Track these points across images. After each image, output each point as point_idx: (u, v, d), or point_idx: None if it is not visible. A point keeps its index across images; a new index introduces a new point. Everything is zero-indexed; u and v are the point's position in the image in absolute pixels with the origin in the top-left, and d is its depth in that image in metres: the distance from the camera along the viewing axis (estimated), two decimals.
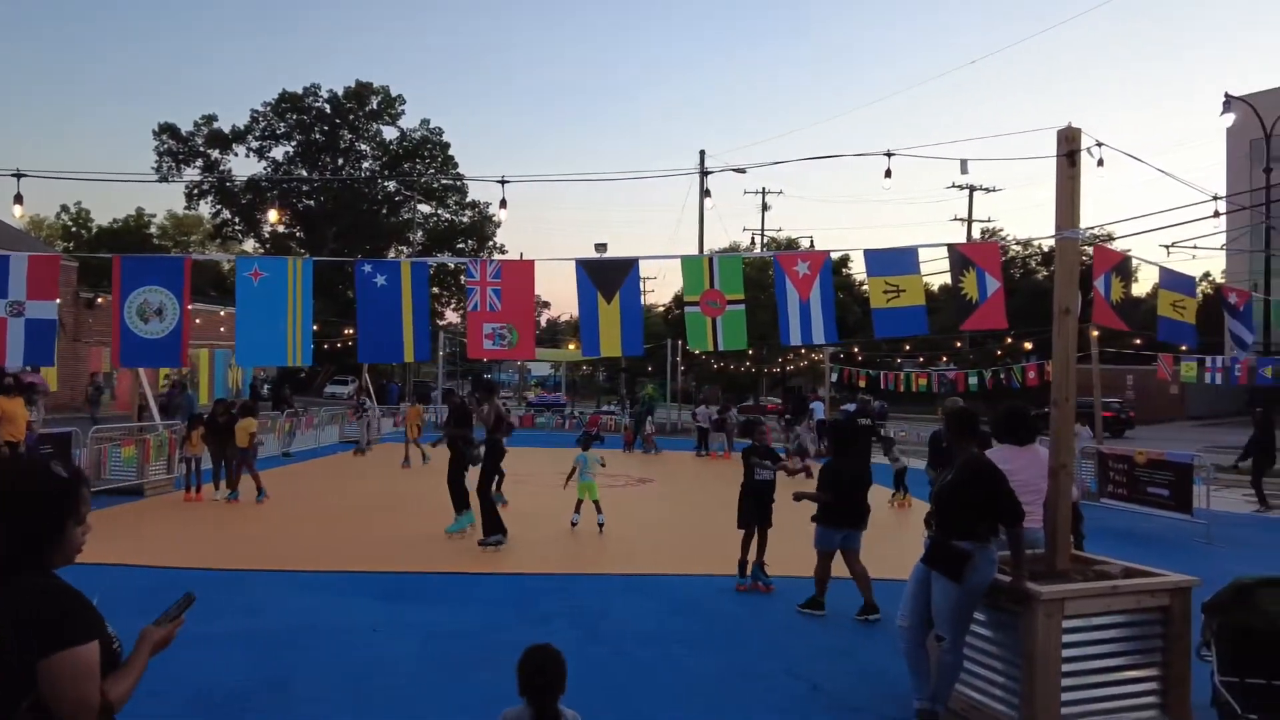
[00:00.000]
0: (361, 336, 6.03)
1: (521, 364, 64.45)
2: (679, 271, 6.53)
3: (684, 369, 40.38)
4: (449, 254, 60.19)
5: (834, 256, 6.98)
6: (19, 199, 6.87)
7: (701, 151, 37.29)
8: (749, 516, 8.69)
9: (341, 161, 62.16)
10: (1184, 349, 15.60)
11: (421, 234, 62.19)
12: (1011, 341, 37.17)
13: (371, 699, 5.72)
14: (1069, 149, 5.44)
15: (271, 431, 21.61)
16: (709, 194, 24.24)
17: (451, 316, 59.56)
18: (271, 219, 56.49)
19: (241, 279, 5.87)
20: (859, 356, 37.08)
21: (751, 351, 42.57)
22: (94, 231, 68.95)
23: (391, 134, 63.28)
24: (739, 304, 6.25)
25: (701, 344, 6.26)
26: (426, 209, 64.12)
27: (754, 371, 48.90)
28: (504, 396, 60.28)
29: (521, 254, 64.32)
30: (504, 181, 6.56)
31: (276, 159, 61.85)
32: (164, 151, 59.87)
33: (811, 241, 52.09)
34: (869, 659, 6.70)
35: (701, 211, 41.84)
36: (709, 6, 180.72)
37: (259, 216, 58.25)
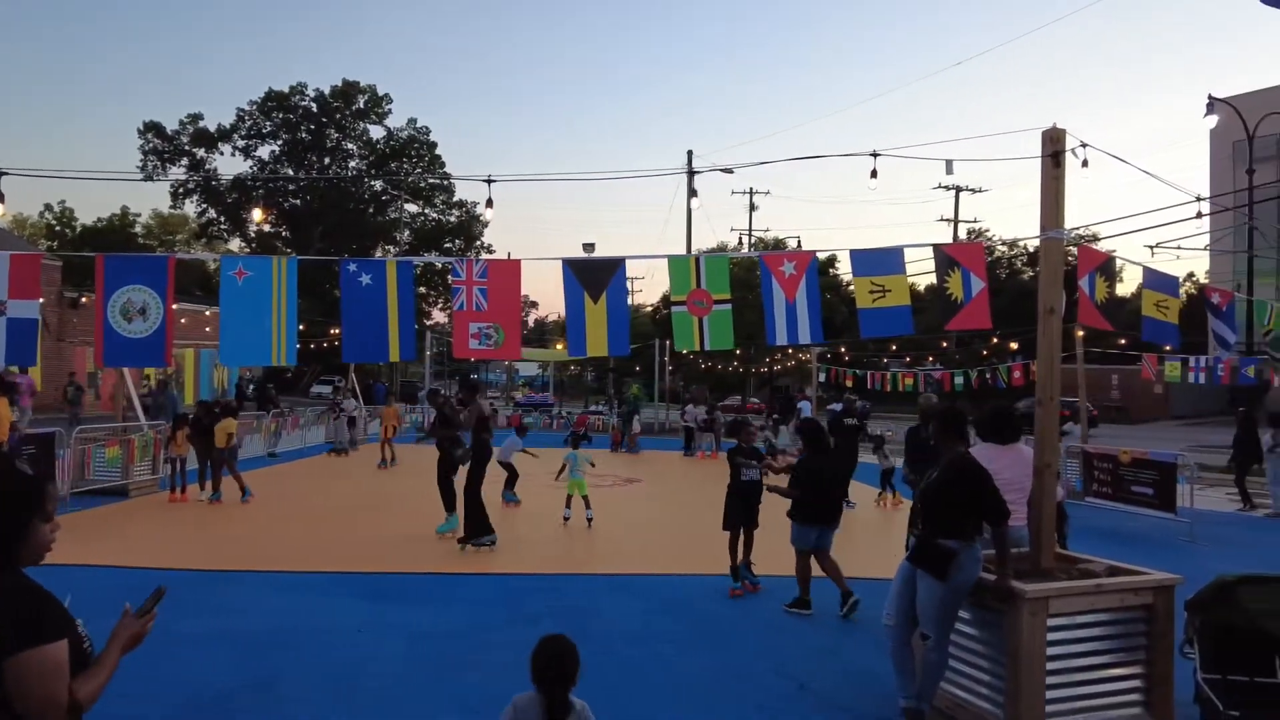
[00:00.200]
0: (346, 336, 6.00)
1: (509, 364, 64.36)
2: (667, 271, 6.54)
3: (672, 369, 40.42)
4: (436, 253, 60.09)
5: (821, 257, 7.00)
6: (0, 197, 6.81)
7: (689, 152, 37.32)
8: (735, 518, 8.70)
9: (328, 160, 61.98)
10: (1168, 349, 15.69)
11: (408, 233, 62.07)
12: (997, 341, 37.37)
13: (357, 699, 5.71)
14: (1053, 150, 5.47)
15: (257, 432, 21.51)
16: (695, 194, 24.24)
17: (439, 316, 59.49)
18: (256, 218, 56.24)
19: (226, 278, 5.84)
20: (846, 356, 37.20)
21: (739, 351, 42.67)
22: (78, 230, 68.50)
23: (378, 133, 63.27)
24: (726, 304, 6.26)
25: (688, 344, 6.27)
26: (413, 208, 64.04)
27: (741, 371, 49.00)
28: (491, 396, 60.30)
29: (509, 253, 64.24)
30: (490, 181, 6.56)
31: (263, 158, 61.70)
32: (149, 150, 59.63)
33: (799, 242, 52.28)
34: (856, 658, 6.72)
35: (689, 212, 41.87)
36: (699, 8, 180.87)
37: (245, 216, 58.02)
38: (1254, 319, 19.20)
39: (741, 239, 55.67)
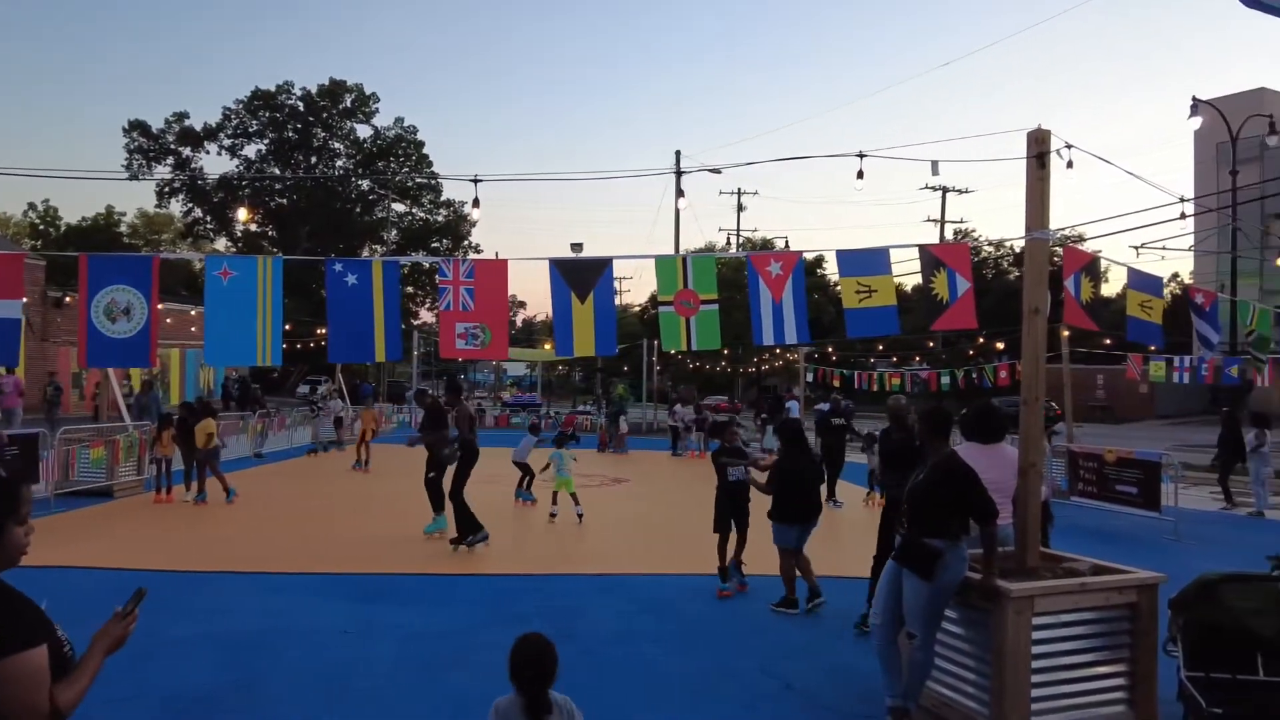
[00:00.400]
0: (332, 336, 5.98)
1: (497, 364, 64.32)
2: (654, 271, 6.54)
3: (659, 369, 40.42)
4: (423, 253, 59.90)
5: (808, 257, 7.02)
6: None
7: (677, 152, 37.30)
8: (725, 519, 8.68)
9: (315, 160, 61.67)
10: (1152, 349, 15.79)
11: (396, 233, 61.84)
12: (983, 341, 37.50)
13: (345, 701, 5.68)
14: (1039, 151, 5.49)
15: (243, 432, 21.41)
16: (683, 194, 24.28)
17: (426, 316, 59.28)
18: (241, 218, 55.91)
19: (211, 278, 5.81)
20: (833, 356, 37.28)
21: (727, 351, 42.69)
22: (62, 230, 67.99)
23: (365, 132, 62.94)
24: (713, 304, 6.26)
25: (676, 344, 6.27)
26: (401, 208, 63.78)
27: (729, 371, 49.05)
28: (479, 396, 60.15)
29: (497, 253, 64.20)
30: (477, 180, 6.55)
31: (249, 157, 61.31)
32: (134, 149, 59.16)
33: (786, 242, 52.38)
34: (841, 657, 6.74)
35: (677, 212, 41.88)
36: (689, 9, 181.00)
37: (231, 215, 57.69)
38: (1237, 319, 19.33)
39: (729, 239, 55.73)
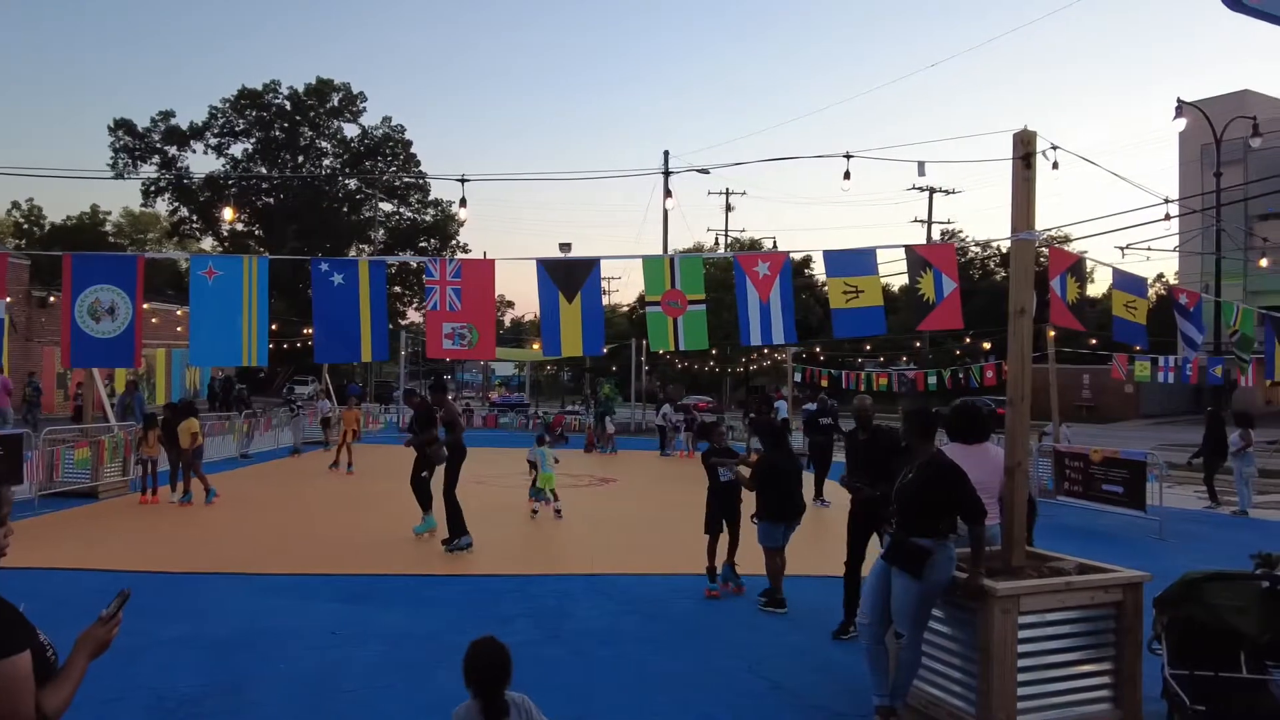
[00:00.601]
0: (318, 336, 5.95)
1: (485, 364, 64.19)
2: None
3: (648, 369, 40.41)
4: (411, 253, 59.75)
5: (795, 257, 7.03)
6: None
7: (665, 152, 37.42)
8: (716, 520, 8.64)
9: (302, 159, 61.45)
10: (1137, 349, 15.89)
11: (383, 232, 61.67)
12: (970, 341, 37.67)
13: (331, 702, 5.66)
14: (1024, 152, 5.51)
15: (229, 433, 21.31)
16: (670, 194, 24.29)
17: (414, 316, 59.15)
18: (227, 217, 55.64)
19: (195, 278, 5.77)
20: (821, 356, 37.38)
21: (715, 351, 42.72)
22: (47, 229, 67.53)
23: (353, 131, 62.76)
24: (700, 304, 6.26)
25: (663, 344, 6.27)
26: (388, 207, 63.64)
27: (717, 371, 49.09)
28: (466, 396, 60.05)
29: (485, 253, 64.04)
30: (464, 180, 6.53)
31: (235, 156, 61.06)
32: (120, 148, 58.82)
33: (774, 242, 52.50)
34: (830, 656, 6.75)
35: (665, 212, 41.89)
36: (678, 10, 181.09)
37: (217, 214, 57.42)
38: (1221, 319, 19.44)
39: (718, 239, 55.79)
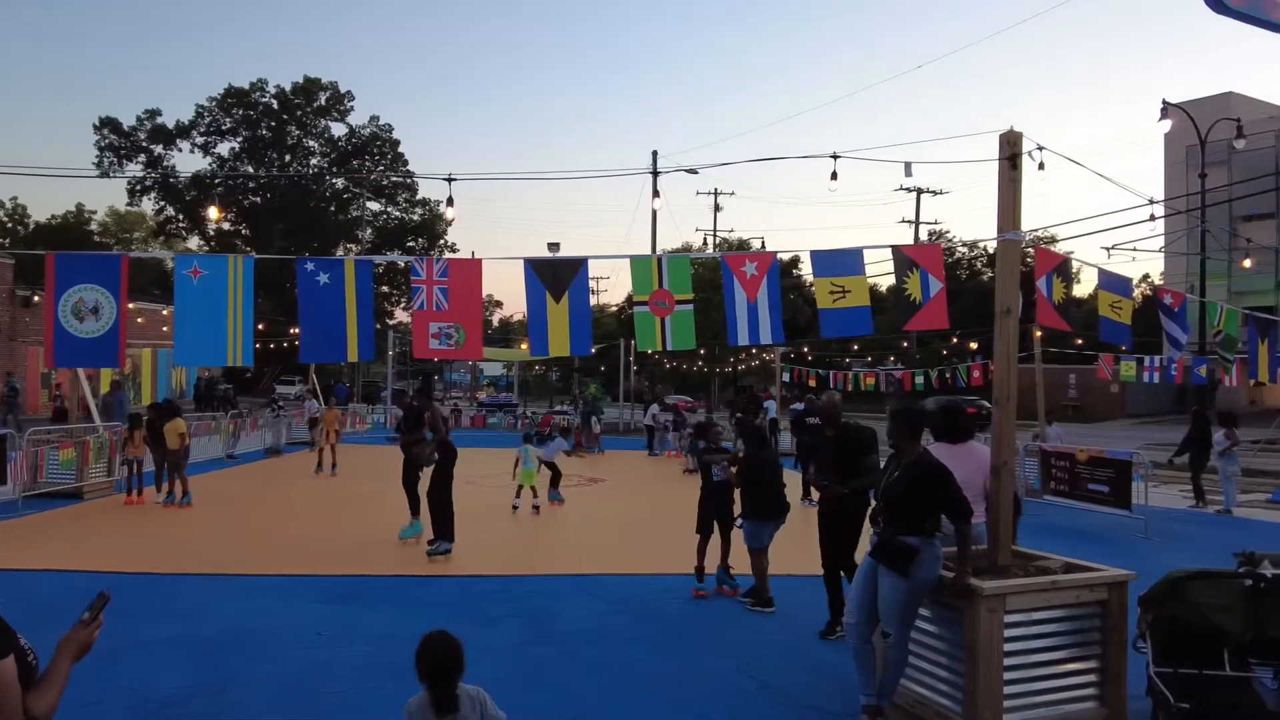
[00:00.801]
0: (304, 336, 5.93)
1: (474, 364, 64.04)
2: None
3: (637, 369, 40.41)
4: (398, 252, 59.60)
5: (783, 258, 7.03)
6: None
7: (654, 152, 37.31)
8: (708, 521, 8.62)
9: (289, 158, 61.24)
10: (1123, 349, 15.97)
11: (371, 232, 61.47)
12: (957, 341, 37.80)
13: (316, 703, 5.63)
14: (1010, 152, 5.53)
15: (216, 433, 21.21)
16: (658, 194, 24.33)
17: (402, 316, 58.99)
18: (212, 216, 55.39)
19: (180, 277, 5.74)
20: (809, 356, 37.45)
21: (703, 351, 42.78)
22: (31, 228, 67.07)
23: (340, 130, 62.57)
24: (688, 304, 6.27)
25: (650, 344, 6.27)
26: (376, 206, 63.44)
27: (706, 371, 49.14)
28: (454, 396, 59.89)
29: (473, 252, 63.89)
30: (451, 179, 6.52)
31: (222, 155, 60.79)
32: (105, 146, 58.49)
33: (763, 242, 52.51)
34: (818, 656, 6.76)
35: (654, 212, 41.86)
36: (667, 11, 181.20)
37: (203, 214, 57.17)
38: (1205, 320, 19.59)
39: (706, 239, 55.83)
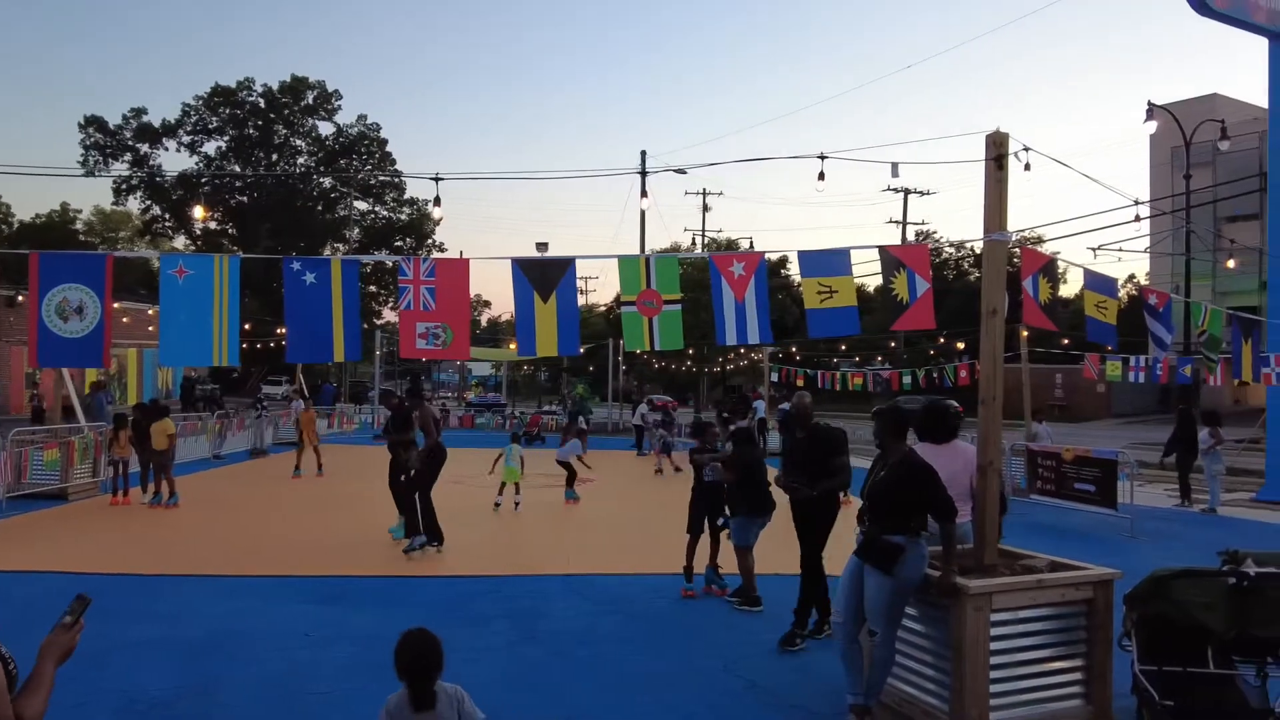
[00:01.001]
0: (291, 336, 5.90)
1: (462, 364, 63.91)
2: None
3: (625, 369, 40.41)
4: (386, 252, 59.41)
5: (772, 258, 7.04)
6: None
7: (643, 152, 37.33)
8: (699, 521, 8.60)
9: (276, 157, 60.95)
10: (1109, 349, 16.05)
11: (358, 231, 61.25)
12: (944, 341, 37.93)
13: (303, 704, 5.62)
14: (997, 153, 5.55)
15: (203, 434, 21.10)
16: (646, 194, 24.36)
17: (389, 315, 58.80)
18: (198, 216, 55.07)
19: (166, 277, 5.71)
20: (797, 356, 37.51)
21: (691, 351, 42.80)
22: (15, 227, 66.55)
23: (327, 129, 62.31)
24: (675, 304, 6.26)
25: (638, 344, 6.27)
26: (363, 206, 63.21)
27: (694, 371, 49.15)
28: (442, 396, 59.76)
29: (461, 252, 63.74)
30: (438, 179, 6.50)
31: (209, 154, 60.46)
32: (90, 145, 58.08)
33: (751, 242, 52.57)
34: (805, 655, 6.78)
35: (642, 212, 41.90)
36: (656, 11, 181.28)
37: (190, 213, 56.86)
38: (1190, 320, 19.70)
39: (695, 239, 55.87)
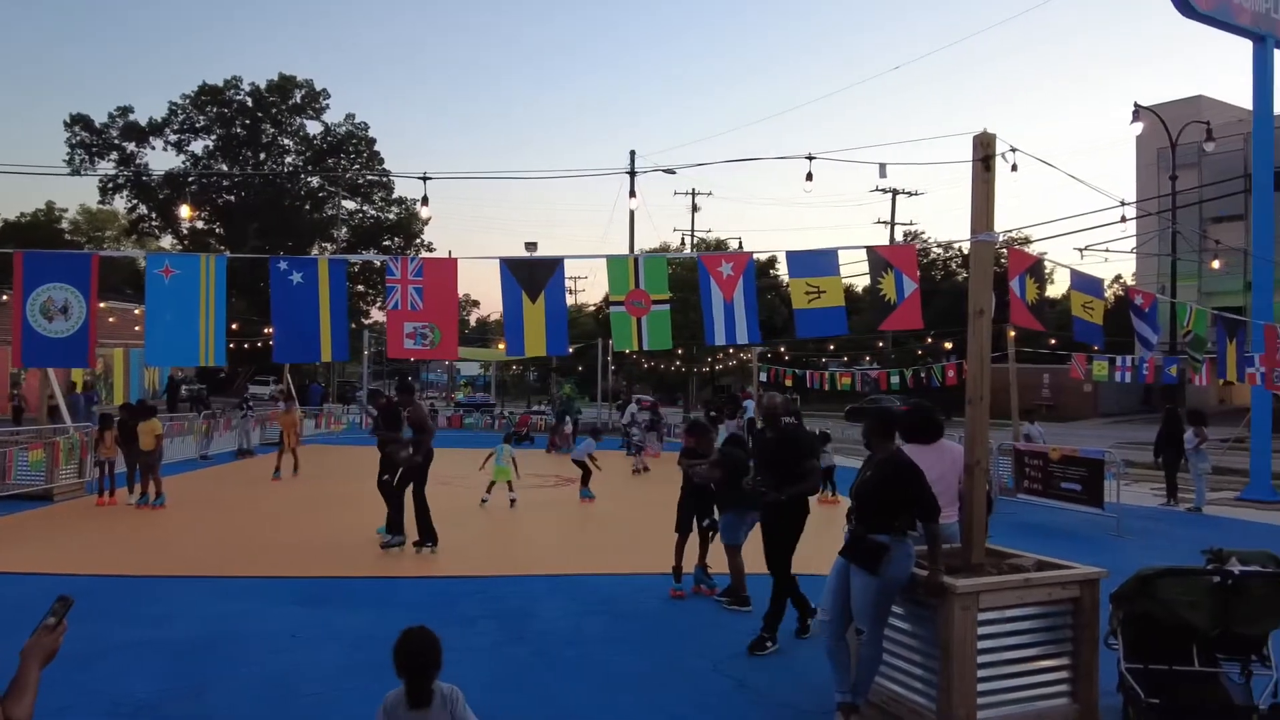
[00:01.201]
0: (278, 336, 5.88)
1: (451, 364, 63.79)
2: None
3: (614, 369, 40.38)
4: (374, 251, 59.19)
5: (760, 258, 7.05)
6: None
7: (632, 152, 37.42)
8: (687, 520, 8.59)
9: (264, 156, 60.64)
10: (1095, 349, 16.14)
11: (346, 231, 61.01)
12: (932, 341, 38.07)
13: (292, 706, 5.60)
14: (984, 154, 5.57)
15: (190, 434, 21.00)
16: (634, 195, 24.37)
17: (378, 315, 58.53)
18: (185, 215, 54.71)
19: (151, 276, 5.67)
20: (786, 356, 37.58)
21: (680, 351, 42.83)
22: (0, 226, 66.06)
23: (315, 129, 62.00)
24: (664, 304, 6.26)
25: (627, 344, 6.26)
26: (351, 205, 62.96)
27: (683, 371, 49.18)
28: (430, 396, 59.64)
29: (450, 252, 63.56)
30: (426, 178, 6.48)
31: (196, 153, 60.09)
32: (76, 143, 57.59)
33: (740, 242, 52.68)
34: (793, 654, 6.79)
35: (631, 212, 41.95)
36: (647, 12, 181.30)
37: (177, 212, 56.50)
38: (1176, 320, 19.81)
39: (684, 239, 55.90)
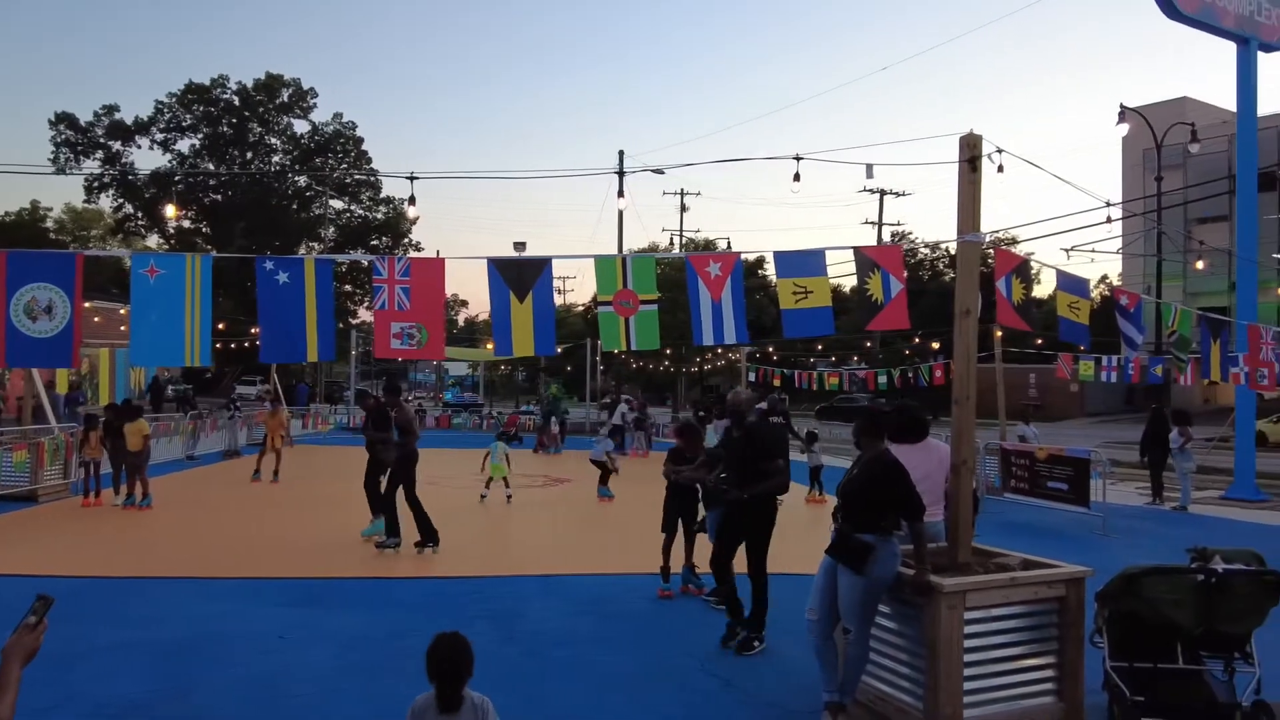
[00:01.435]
0: (264, 336, 5.85)
1: (439, 364, 63.63)
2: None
3: (603, 369, 40.38)
4: (362, 251, 58.98)
5: (748, 258, 7.06)
6: None
7: (620, 152, 37.30)
8: (672, 520, 8.59)
9: (250, 155, 60.36)
10: (1082, 349, 16.22)
11: (333, 230, 60.78)
12: (919, 341, 38.20)
13: (281, 708, 5.58)
14: (970, 155, 5.60)
15: (176, 434, 20.90)
16: (623, 195, 24.41)
17: (365, 315, 58.31)
18: (171, 214, 54.36)
19: (136, 276, 5.64)
20: (774, 356, 37.67)
21: (669, 351, 42.87)
22: None
23: (303, 128, 61.73)
24: (652, 304, 6.27)
25: (615, 344, 6.26)
26: (339, 205, 62.72)
27: (672, 371, 49.22)
28: (418, 396, 59.47)
29: (438, 251, 63.40)
30: (413, 178, 6.47)
31: (182, 152, 59.75)
32: (61, 142, 57.19)
33: (728, 243, 52.59)
34: (780, 653, 6.80)
35: (620, 211, 41.92)
36: (638, 12, 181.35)
37: (163, 211, 56.15)
38: (1161, 320, 19.89)
39: (673, 239, 55.91)
